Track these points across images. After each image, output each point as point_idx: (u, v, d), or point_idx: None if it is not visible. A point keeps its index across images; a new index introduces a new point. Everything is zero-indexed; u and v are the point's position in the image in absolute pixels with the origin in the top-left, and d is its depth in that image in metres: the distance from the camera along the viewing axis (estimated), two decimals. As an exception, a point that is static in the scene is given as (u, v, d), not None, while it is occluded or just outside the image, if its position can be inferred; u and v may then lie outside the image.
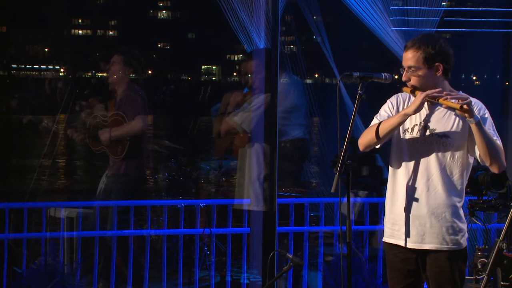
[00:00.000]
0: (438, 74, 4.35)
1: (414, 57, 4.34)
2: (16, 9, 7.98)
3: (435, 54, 4.32)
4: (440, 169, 4.34)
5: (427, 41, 4.36)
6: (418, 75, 4.35)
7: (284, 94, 6.59)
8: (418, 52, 4.34)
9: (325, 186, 7.40)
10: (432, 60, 4.33)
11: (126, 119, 6.47)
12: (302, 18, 7.82)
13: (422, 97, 4.26)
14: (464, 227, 4.40)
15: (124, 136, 6.45)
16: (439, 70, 4.35)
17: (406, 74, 4.39)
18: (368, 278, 6.45)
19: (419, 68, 4.34)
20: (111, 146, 6.49)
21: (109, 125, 6.51)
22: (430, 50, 4.32)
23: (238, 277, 6.64)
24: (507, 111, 6.75)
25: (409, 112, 4.30)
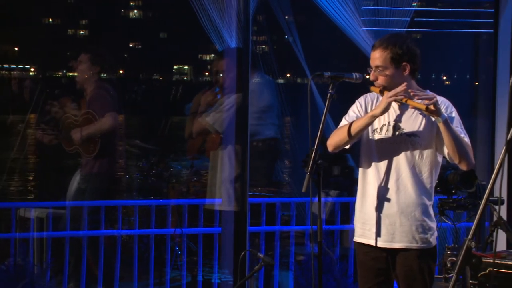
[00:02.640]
0: (405, 73, 4.38)
1: (381, 57, 4.37)
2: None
3: (402, 54, 4.35)
4: (409, 168, 4.37)
5: (394, 41, 4.39)
6: (385, 74, 4.37)
7: (256, 94, 6.60)
8: (385, 52, 4.36)
9: (296, 186, 7.42)
10: (399, 59, 4.35)
11: (97, 117, 6.44)
12: (273, 18, 7.82)
13: (388, 98, 4.28)
14: (434, 226, 4.43)
15: (95, 134, 6.43)
16: (406, 70, 4.38)
17: (373, 74, 4.41)
18: (339, 277, 6.47)
19: (386, 67, 4.37)
20: (83, 145, 6.46)
21: (80, 124, 6.48)
22: (397, 50, 4.35)
23: (210, 277, 6.64)
24: (476, 110, 6.80)
25: (377, 113, 4.33)
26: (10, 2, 8.28)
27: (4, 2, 7.53)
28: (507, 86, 2.96)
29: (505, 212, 6.04)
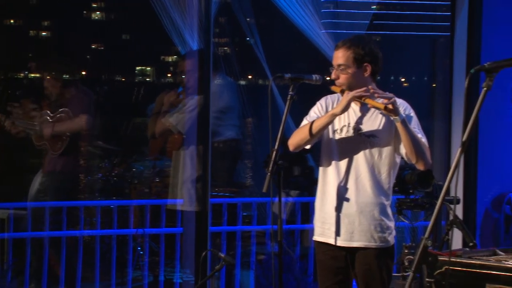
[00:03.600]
0: (366, 74, 4.42)
1: (344, 56, 4.41)
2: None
3: (365, 55, 4.39)
4: (368, 168, 4.40)
5: (357, 41, 4.43)
6: (347, 73, 4.41)
7: (218, 95, 6.60)
8: (348, 51, 4.40)
9: (257, 186, 7.43)
10: (361, 60, 4.39)
11: (71, 117, 6.41)
12: (235, 20, 7.83)
13: (349, 97, 4.32)
14: (392, 225, 4.47)
15: (65, 131, 6.39)
16: (367, 71, 4.42)
17: (335, 72, 4.44)
18: (299, 276, 6.49)
19: (348, 66, 4.41)
20: (52, 141, 6.42)
21: (55, 121, 6.44)
22: (360, 51, 4.39)
23: (171, 276, 6.62)
24: (434, 112, 6.87)
25: (337, 112, 4.35)
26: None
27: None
28: (463, 88, 3.00)
29: (461, 211, 6.11)
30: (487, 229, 7.08)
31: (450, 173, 2.86)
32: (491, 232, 7.06)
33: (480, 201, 6.51)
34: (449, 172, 2.88)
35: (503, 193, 6.48)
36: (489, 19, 6.37)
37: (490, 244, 6.76)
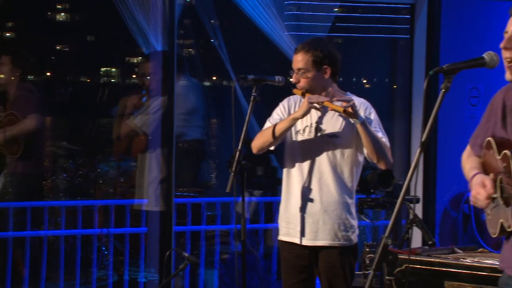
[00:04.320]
0: (326, 76, 4.44)
1: (303, 60, 4.42)
2: None
3: (323, 57, 4.41)
4: (331, 168, 4.42)
5: (316, 44, 4.44)
6: (307, 77, 4.42)
7: (182, 96, 6.58)
8: (307, 55, 4.41)
9: (221, 186, 7.41)
10: (320, 63, 4.41)
11: (19, 118, 6.33)
12: (199, 21, 7.81)
13: (309, 101, 4.33)
14: (355, 224, 4.50)
15: (18, 134, 6.31)
16: (327, 73, 4.43)
17: (296, 76, 4.46)
18: (262, 275, 6.50)
19: (308, 70, 4.42)
20: (7, 146, 6.34)
21: (4, 125, 6.36)
22: (318, 53, 4.40)
23: (136, 276, 6.59)
24: (394, 112, 6.91)
25: (298, 116, 4.38)
26: None
27: None
28: (423, 89, 3.02)
29: (421, 210, 6.15)
30: (446, 227, 7.13)
31: (410, 173, 2.88)
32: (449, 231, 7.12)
33: (439, 200, 6.56)
34: (409, 172, 2.90)
35: (461, 192, 6.54)
36: (447, 22, 6.42)
37: (449, 242, 6.82)
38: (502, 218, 2.95)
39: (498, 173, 2.98)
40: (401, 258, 4.28)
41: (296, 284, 4.51)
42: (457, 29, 6.66)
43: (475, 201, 3.02)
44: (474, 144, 3.24)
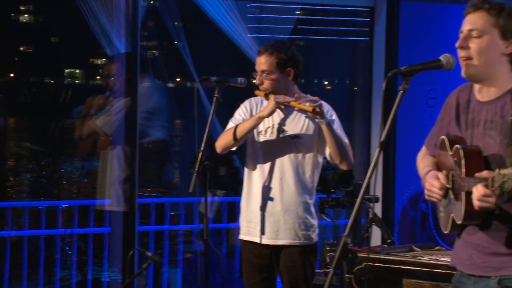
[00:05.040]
0: (289, 78, 4.45)
1: (267, 62, 4.42)
2: None
3: (287, 60, 4.41)
4: (293, 169, 4.43)
5: (279, 47, 4.45)
6: (270, 78, 4.42)
7: (146, 97, 6.57)
8: (271, 57, 4.41)
9: (185, 186, 7.40)
10: (284, 65, 4.41)
11: None
12: (163, 23, 7.78)
13: (275, 101, 4.33)
14: (315, 223, 4.51)
15: None
16: (290, 75, 4.44)
17: (259, 78, 4.46)
18: (225, 273, 6.50)
19: (271, 72, 4.42)
20: None
21: None
22: (282, 56, 4.41)
23: (99, 275, 6.55)
24: (354, 113, 6.94)
25: (264, 115, 4.37)
26: None
27: None
28: (382, 91, 3.03)
29: (380, 209, 6.19)
30: (405, 226, 7.18)
31: (369, 173, 2.89)
32: (408, 229, 7.17)
33: (398, 199, 6.60)
34: (368, 172, 2.91)
35: (419, 191, 6.59)
36: (406, 25, 6.47)
37: (407, 240, 6.86)
38: (453, 213, 2.98)
39: (450, 170, 3.01)
40: (361, 256, 4.30)
41: (257, 283, 4.51)
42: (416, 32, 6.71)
43: (429, 194, 3.05)
44: (429, 144, 3.27)
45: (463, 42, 2.98)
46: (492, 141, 2.97)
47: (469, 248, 3.03)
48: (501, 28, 2.96)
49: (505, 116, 2.95)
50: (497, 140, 2.96)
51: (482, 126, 3.01)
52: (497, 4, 2.98)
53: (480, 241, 2.99)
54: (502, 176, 2.62)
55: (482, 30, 2.96)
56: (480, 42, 2.97)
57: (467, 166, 2.89)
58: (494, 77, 3.00)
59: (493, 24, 2.96)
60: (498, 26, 2.96)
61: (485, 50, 2.96)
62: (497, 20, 2.96)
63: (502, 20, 2.96)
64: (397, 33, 6.32)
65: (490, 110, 3.01)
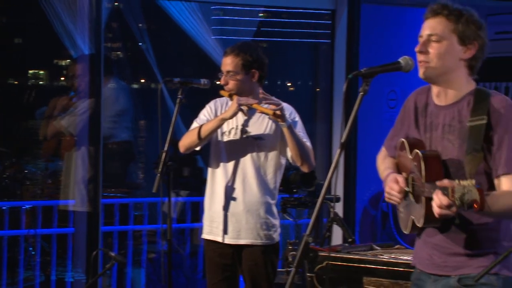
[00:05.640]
0: (254, 80, 4.46)
1: (233, 63, 4.43)
2: None
3: (252, 61, 4.43)
4: (255, 169, 4.44)
5: (245, 48, 4.46)
6: (235, 79, 4.44)
7: (111, 99, 6.55)
8: (237, 58, 4.43)
9: (149, 186, 7.36)
10: (249, 66, 4.43)
11: None
12: (127, 25, 7.75)
13: (238, 103, 4.34)
14: (277, 223, 4.52)
15: None
16: (255, 77, 4.45)
17: (224, 78, 4.47)
18: (189, 273, 6.49)
19: (237, 73, 4.43)
20: None
21: None
22: (248, 57, 4.42)
23: (63, 276, 6.50)
24: (317, 115, 6.96)
25: (226, 116, 4.38)
26: None
27: None
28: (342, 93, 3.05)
29: (341, 209, 6.21)
30: (365, 225, 7.22)
31: (330, 173, 2.90)
32: (369, 228, 7.21)
33: (359, 199, 6.63)
34: (329, 172, 2.92)
35: (380, 191, 6.63)
36: (366, 27, 6.50)
37: (368, 239, 6.90)
38: (413, 215, 3.01)
39: (410, 172, 3.03)
40: (322, 255, 4.32)
41: (219, 282, 4.51)
42: (376, 34, 6.76)
43: (388, 197, 3.07)
44: (389, 145, 3.29)
45: (423, 47, 3.00)
46: (451, 145, 2.99)
47: (429, 248, 3.05)
48: (459, 34, 2.99)
49: (463, 121, 2.97)
50: (455, 144, 2.98)
51: (440, 130, 3.03)
52: (455, 10, 3.00)
53: (440, 241, 3.02)
54: (462, 187, 2.62)
55: (441, 36, 2.99)
56: (439, 47, 2.99)
57: (427, 171, 2.91)
58: (452, 82, 3.03)
59: (452, 30, 2.99)
60: (456, 32, 2.99)
61: (443, 55, 2.99)
62: (455, 26, 2.99)
63: (460, 26, 2.98)
64: (358, 35, 6.35)
65: (448, 114, 3.03)
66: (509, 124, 2.92)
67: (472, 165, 2.86)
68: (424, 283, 3.09)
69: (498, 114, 2.93)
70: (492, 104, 2.95)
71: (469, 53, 3.01)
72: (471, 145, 2.89)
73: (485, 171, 2.94)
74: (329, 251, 4.36)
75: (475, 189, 2.61)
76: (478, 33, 3.00)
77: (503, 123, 2.92)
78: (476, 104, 2.96)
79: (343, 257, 4.41)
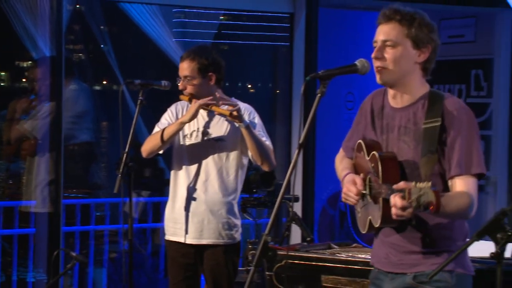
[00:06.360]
0: (211, 83, 4.46)
1: (189, 67, 4.44)
2: None
3: (208, 65, 4.44)
4: (217, 170, 4.45)
5: (201, 52, 4.47)
6: (193, 83, 4.44)
7: (72, 100, 6.51)
8: (193, 63, 4.43)
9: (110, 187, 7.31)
10: (205, 70, 4.43)
11: None
12: (89, 28, 7.70)
13: (196, 106, 4.37)
14: (238, 223, 4.53)
15: None
16: (212, 79, 4.46)
17: (182, 83, 4.47)
18: (150, 273, 6.46)
19: (194, 77, 4.44)
20: None
21: None
22: (204, 61, 4.43)
23: (25, 276, 6.42)
24: (276, 116, 6.97)
25: (185, 120, 4.39)
26: None
27: None
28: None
29: (300, 208, 6.22)
30: (324, 224, 7.26)
31: (288, 173, 2.90)
32: (327, 228, 7.25)
33: (317, 199, 6.65)
34: (288, 172, 2.92)
35: (338, 191, 6.66)
36: (324, 30, 6.53)
37: (326, 238, 6.94)
38: (371, 215, 3.02)
39: (368, 173, 3.05)
40: (281, 254, 4.31)
41: (181, 281, 4.51)
42: (334, 37, 6.79)
43: (346, 198, 3.08)
44: (346, 147, 3.30)
45: (378, 53, 3.02)
46: (406, 146, 3.01)
47: (386, 247, 3.07)
48: (413, 38, 3.00)
49: (418, 123, 2.99)
50: (411, 146, 3.00)
51: (396, 132, 3.05)
52: (407, 14, 3.01)
53: (396, 241, 3.04)
54: (418, 189, 2.65)
55: (396, 41, 3.00)
56: (394, 53, 3.00)
57: (384, 172, 2.93)
58: (408, 84, 3.04)
59: (406, 35, 3.00)
60: (410, 36, 3.00)
61: (399, 59, 3.00)
62: (409, 31, 3.00)
63: (414, 31, 3.00)
64: (316, 38, 6.36)
65: (403, 116, 3.05)
66: (462, 126, 2.95)
67: (427, 167, 2.88)
68: (382, 282, 3.11)
69: (451, 116, 2.95)
70: (446, 106, 2.97)
71: (423, 56, 3.03)
72: (426, 146, 2.91)
73: (439, 173, 2.97)
74: (288, 250, 4.36)
75: (431, 191, 2.63)
76: (431, 36, 3.02)
77: (456, 125, 2.95)
78: (430, 106, 2.98)
79: (301, 256, 4.41)
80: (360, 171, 3.11)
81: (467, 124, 2.96)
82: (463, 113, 2.97)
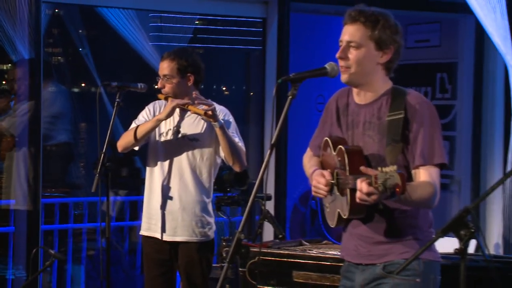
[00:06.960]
0: (189, 83, 4.46)
1: (169, 67, 4.44)
2: None
3: (188, 66, 4.44)
4: (191, 169, 4.44)
5: (181, 53, 4.48)
6: (171, 83, 4.45)
7: (50, 102, 6.48)
8: (172, 63, 4.43)
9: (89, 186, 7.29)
10: (184, 70, 4.44)
11: None
12: (67, 31, 7.66)
13: (172, 104, 4.36)
14: (212, 221, 4.52)
15: None
16: (190, 80, 4.46)
17: (161, 82, 4.48)
18: (127, 269, 6.44)
19: (173, 77, 4.44)
20: None
21: None
22: (183, 62, 4.43)
23: (4, 273, 6.37)
24: (250, 117, 6.98)
25: (161, 117, 4.38)
26: None
27: None
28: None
29: (273, 206, 6.22)
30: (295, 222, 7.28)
31: (261, 172, 2.91)
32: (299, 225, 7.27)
33: (289, 197, 6.66)
34: (260, 171, 2.92)
35: (309, 190, 6.64)
36: (296, 35, 6.54)
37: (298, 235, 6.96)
38: (339, 208, 3.03)
39: (335, 168, 3.06)
40: (254, 251, 4.33)
41: (157, 277, 4.49)
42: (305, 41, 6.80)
43: (316, 191, 3.09)
44: (313, 145, 3.31)
45: (342, 53, 3.04)
46: (371, 140, 3.04)
47: (355, 239, 3.09)
48: (376, 40, 3.02)
49: (382, 117, 3.02)
50: (375, 139, 3.03)
51: (361, 127, 3.08)
52: (372, 16, 3.03)
53: (364, 232, 3.05)
54: (384, 174, 2.68)
55: (359, 43, 3.02)
56: (358, 54, 3.02)
57: (350, 164, 2.95)
58: (371, 83, 3.07)
59: (369, 37, 3.02)
60: (373, 38, 3.02)
61: (362, 60, 3.02)
62: (372, 33, 3.02)
63: (377, 33, 3.02)
64: (288, 42, 6.37)
65: (368, 112, 3.07)
66: (424, 118, 2.99)
67: (392, 155, 2.92)
68: (353, 274, 3.12)
69: (414, 110, 2.99)
70: (408, 100, 3.01)
71: (386, 57, 3.05)
72: (390, 137, 2.95)
73: (404, 165, 2.99)
74: (260, 247, 4.37)
75: (397, 174, 2.67)
76: (394, 37, 3.04)
77: (418, 118, 2.98)
78: (393, 101, 3.02)
79: (273, 253, 4.42)
80: (328, 168, 3.13)
81: (429, 117, 3.00)
82: (425, 107, 3.01)
